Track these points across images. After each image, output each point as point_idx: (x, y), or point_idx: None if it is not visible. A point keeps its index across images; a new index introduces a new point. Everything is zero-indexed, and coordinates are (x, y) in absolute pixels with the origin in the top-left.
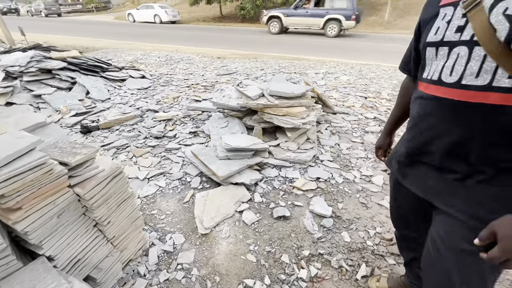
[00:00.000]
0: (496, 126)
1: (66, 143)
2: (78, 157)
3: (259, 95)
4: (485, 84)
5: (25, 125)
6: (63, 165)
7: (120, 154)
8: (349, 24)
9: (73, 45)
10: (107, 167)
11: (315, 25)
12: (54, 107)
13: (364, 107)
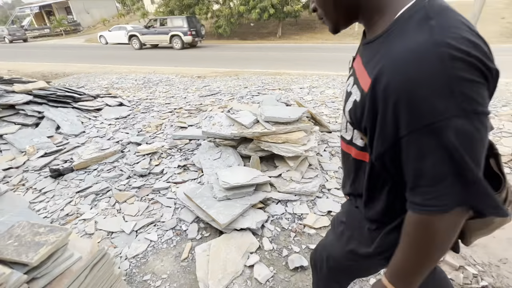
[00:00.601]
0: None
1: (25, 227)
2: (42, 251)
3: (253, 122)
4: (349, 139)
5: None
6: (22, 266)
7: (100, 201)
8: (187, 38)
9: (42, 72)
10: (85, 251)
11: (164, 40)
12: (19, 147)
13: None
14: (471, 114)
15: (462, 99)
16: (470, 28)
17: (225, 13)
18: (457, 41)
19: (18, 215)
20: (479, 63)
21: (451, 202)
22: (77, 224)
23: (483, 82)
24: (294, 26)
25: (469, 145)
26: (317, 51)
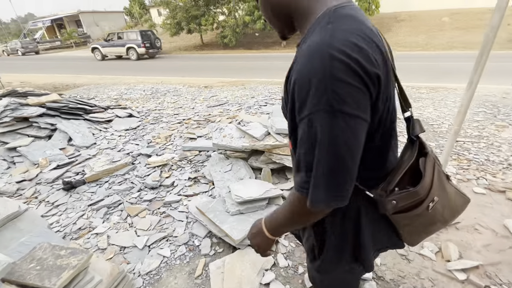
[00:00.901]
0: None
1: (47, 249)
2: (65, 276)
3: (264, 134)
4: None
5: None
6: None
7: (112, 215)
8: (141, 50)
9: (53, 83)
10: (105, 273)
11: (121, 52)
12: (32, 160)
13: None
14: (337, 112)
15: (333, 97)
16: (366, 35)
17: (231, 24)
18: (341, 44)
19: (38, 235)
20: (358, 66)
21: None
22: (89, 238)
23: (360, 87)
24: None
25: (332, 141)
26: None
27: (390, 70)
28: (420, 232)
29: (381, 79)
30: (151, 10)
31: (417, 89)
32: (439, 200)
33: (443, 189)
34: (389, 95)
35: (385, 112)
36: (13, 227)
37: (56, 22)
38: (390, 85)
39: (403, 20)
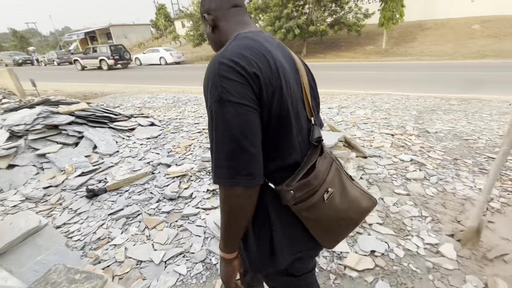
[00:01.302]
0: None
1: (62, 272)
2: None
3: None
4: None
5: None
6: None
7: (130, 226)
8: (110, 62)
9: (83, 92)
10: None
11: (95, 63)
12: (59, 166)
13: (395, 147)
14: (226, 102)
15: (221, 90)
16: (254, 48)
17: None
18: (230, 54)
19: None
20: (240, 68)
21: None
22: (108, 249)
23: (242, 82)
24: (319, 45)
25: (225, 125)
26: (343, 69)
27: (281, 75)
28: (329, 230)
29: (260, 77)
30: (175, 22)
31: (447, 100)
32: (337, 194)
33: (342, 186)
34: (276, 92)
35: (274, 105)
36: (32, 243)
37: (89, 34)
38: (278, 85)
39: (429, 29)
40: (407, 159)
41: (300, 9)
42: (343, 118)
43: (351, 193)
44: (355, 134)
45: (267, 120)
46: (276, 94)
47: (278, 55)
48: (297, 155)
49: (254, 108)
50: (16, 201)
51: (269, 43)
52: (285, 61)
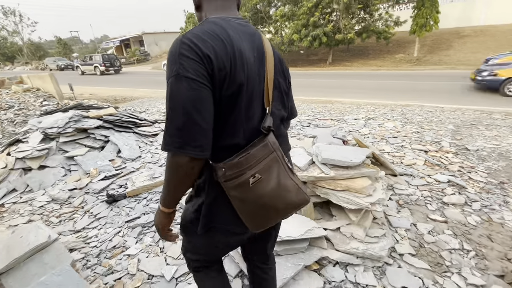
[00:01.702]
0: None
1: None
2: None
3: (308, 164)
4: None
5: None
6: None
7: (145, 235)
8: (102, 68)
9: (114, 96)
10: None
11: (91, 69)
12: (85, 169)
13: (429, 165)
14: (182, 77)
15: (179, 67)
16: (215, 33)
17: (276, 42)
18: (191, 35)
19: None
20: (196, 48)
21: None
22: (121, 260)
23: (197, 60)
24: (346, 53)
25: (179, 98)
26: (370, 78)
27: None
28: (252, 213)
29: (212, 60)
30: None
31: (489, 114)
32: (266, 182)
33: (275, 176)
34: (228, 76)
35: (224, 88)
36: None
37: (124, 42)
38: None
39: (467, 36)
40: (443, 180)
41: (327, 17)
42: (370, 130)
43: (283, 185)
44: (383, 149)
45: (218, 100)
46: (227, 78)
47: (241, 44)
48: (239, 139)
49: (207, 85)
50: (43, 201)
51: (236, 31)
52: (251, 51)
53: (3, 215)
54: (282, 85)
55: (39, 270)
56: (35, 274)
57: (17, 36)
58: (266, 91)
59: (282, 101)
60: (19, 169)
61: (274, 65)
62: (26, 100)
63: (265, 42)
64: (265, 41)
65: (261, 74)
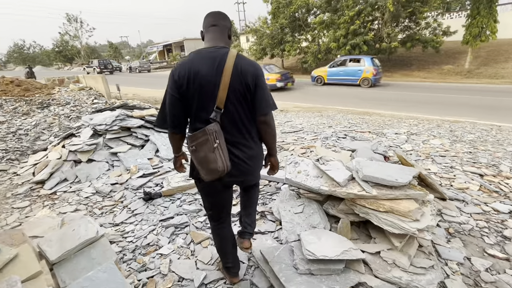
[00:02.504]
0: None
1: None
2: None
3: (348, 179)
4: None
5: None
6: None
7: (178, 237)
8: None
9: (155, 97)
10: None
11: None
12: (126, 165)
13: (486, 192)
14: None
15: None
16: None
17: (313, 50)
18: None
19: (105, 271)
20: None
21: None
22: (154, 258)
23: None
24: (386, 63)
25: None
26: (413, 90)
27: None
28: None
29: (177, 82)
30: (241, 37)
31: None
32: (198, 151)
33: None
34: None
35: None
36: (87, 254)
37: (167, 47)
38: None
39: None
40: (504, 210)
41: (369, 25)
42: (413, 147)
43: (207, 156)
44: (429, 169)
45: (184, 102)
46: (184, 91)
47: (199, 67)
48: (200, 124)
49: (176, 96)
50: (88, 193)
51: (200, 58)
52: (210, 69)
53: (55, 202)
54: (238, 90)
55: (87, 265)
56: (83, 268)
57: (77, 40)
58: (218, 94)
59: (239, 100)
60: (71, 161)
61: (231, 76)
62: (80, 97)
63: (228, 60)
64: (228, 59)
65: (216, 83)
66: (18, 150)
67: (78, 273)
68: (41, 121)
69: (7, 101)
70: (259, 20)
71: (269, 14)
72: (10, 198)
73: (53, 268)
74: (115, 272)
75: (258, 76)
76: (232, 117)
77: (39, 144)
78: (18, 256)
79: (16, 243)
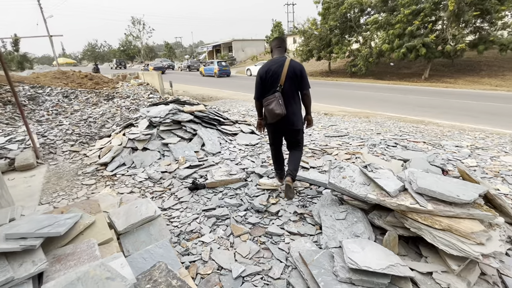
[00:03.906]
0: None
1: (163, 272)
2: None
3: (399, 190)
4: None
5: (135, 219)
6: None
7: (218, 227)
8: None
9: (202, 94)
10: None
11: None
12: (175, 156)
13: None
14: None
15: (257, 72)
16: (267, 66)
17: (364, 53)
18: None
19: (161, 247)
20: (260, 70)
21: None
22: (196, 244)
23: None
24: (449, 68)
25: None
26: (481, 99)
27: (268, 73)
28: (267, 116)
29: (261, 74)
30: (288, 38)
31: None
32: (268, 105)
33: (272, 104)
34: (263, 77)
35: (263, 78)
36: (147, 230)
37: (216, 47)
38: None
39: None
40: None
41: (430, 26)
42: (479, 162)
43: (274, 108)
44: (498, 189)
45: (263, 84)
46: (263, 79)
47: (272, 66)
48: (271, 94)
49: (259, 81)
50: (142, 178)
51: (273, 62)
52: (276, 68)
53: (115, 183)
54: (290, 77)
55: (146, 239)
56: (143, 241)
57: (138, 40)
58: (281, 79)
59: (290, 82)
60: (129, 148)
61: (287, 70)
62: (139, 92)
63: (285, 63)
64: (286, 62)
65: (280, 74)
66: (88, 135)
67: (139, 245)
68: (106, 111)
69: (82, 92)
70: (308, 21)
71: (319, 15)
72: (81, 175)
73: (119, 238)
74: (169, 249)
75: (301, 70)
76: (286, 90)
77: (104, 131)
78: (95, 222)
79: (93, 212)
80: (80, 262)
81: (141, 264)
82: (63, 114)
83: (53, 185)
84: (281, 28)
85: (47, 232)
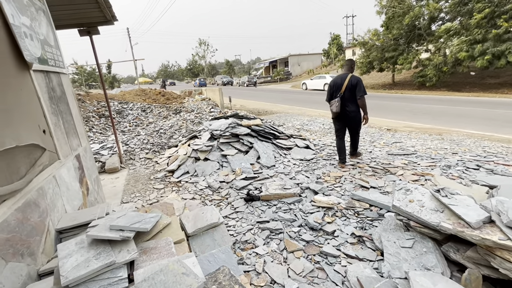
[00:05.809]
0: None
1: (227, 276)
2: None
3: (483, 221)
4: None
5: (201, 224)
6: None
7: (272, 241)
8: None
9: (258, 109)
10: None
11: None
12: (232, 167)
13: None
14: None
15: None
16: (334, 79)
17: (436, 62)
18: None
19: (224, 252)
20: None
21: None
22: (251, 255)
23: (329, 84)
24: None
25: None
26: None
27: (334, 85)
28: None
29: (330, 85)
30: (346, 50)
31: None
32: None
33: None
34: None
35: (331, 88)
36: (211, 235)
37: (272, 63)
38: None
39: None
40: None
41: None
42: None
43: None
44: None
45: (330, 92)
46: (331, 88)
47: (337, 80)
48: (334, 98)
49: (329, 90)
50: (202, 186)
51: (338, 77)
52: (339, 81)
53: (179, 189)
54: (349, 87)
55: (210, 243)
56: (208, 245)
57: (203, 59)
58: (342, 89)
59: (351, 92)
60: (193, 158)
61: (347, 83)
62: (201, 106)
63: (347, 78)
64: (347, 78)
65: (341, 85)
66: (159, 144)
67: (204, 248)
68: (174, 123)
69: (155, 107)
70: (369, 32)
71: (382, 26)
72: (152, 180)
73: (188, 239)
74: (231, 255)
75: (357, 81)
76: (346, 96)
77: (172, 141)
78: (171, 223)
79: (168, 214)
80: (160, 256)
81: (206, 266)
82: (140, 125)
83: (131, 187)
84: (340, 41)
85: (138, 227)
